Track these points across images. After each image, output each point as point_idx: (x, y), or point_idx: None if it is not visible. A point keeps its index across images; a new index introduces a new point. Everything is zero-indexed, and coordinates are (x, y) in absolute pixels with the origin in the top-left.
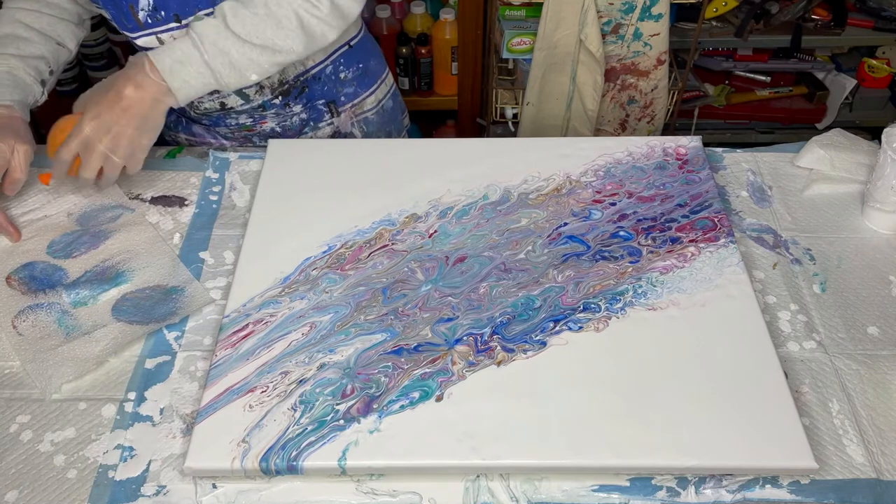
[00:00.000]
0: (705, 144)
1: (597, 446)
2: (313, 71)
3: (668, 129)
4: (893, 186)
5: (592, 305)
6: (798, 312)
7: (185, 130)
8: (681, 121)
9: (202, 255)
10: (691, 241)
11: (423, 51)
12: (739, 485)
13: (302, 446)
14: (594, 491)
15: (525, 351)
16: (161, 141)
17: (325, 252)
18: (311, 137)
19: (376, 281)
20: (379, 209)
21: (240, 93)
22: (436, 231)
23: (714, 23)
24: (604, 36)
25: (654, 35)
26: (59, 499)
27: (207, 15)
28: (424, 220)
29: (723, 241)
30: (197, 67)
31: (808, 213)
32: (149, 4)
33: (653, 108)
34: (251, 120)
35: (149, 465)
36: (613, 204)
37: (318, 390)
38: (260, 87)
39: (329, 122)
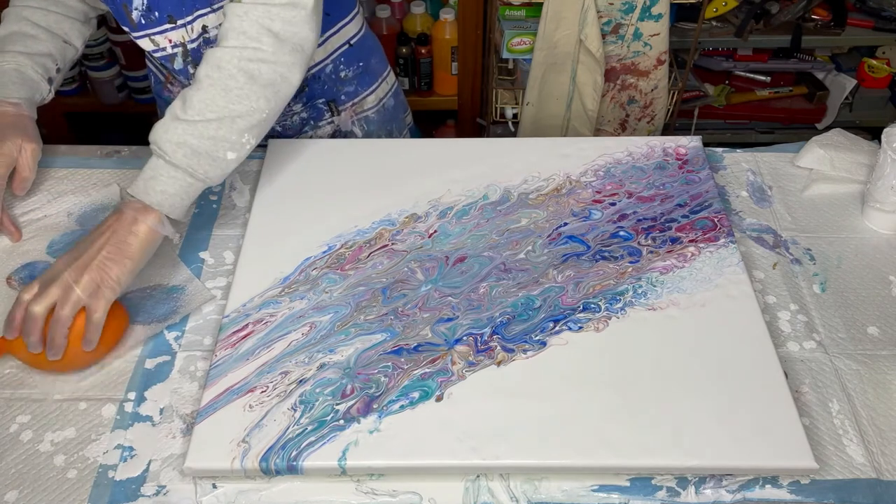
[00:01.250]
0: (705, 144)
1: (597, 446)
2: (313, 70)
3: (668, 129)
4: (893, 186)
5: (592, 305)
6: (798, 312)
7: None
8: (681, 121)
9: (202, 255)
10: (691, 241)
11: (423, 51)
12: (739, 485)
13: (302, 446)
14: (594, 491)
15: (525, 351)
16: None
17: (325, 252)
18: (311, 136)
19: (376, 281)
20: (379, 209)
21: None
22: (436, 231)
23: (714, 23)
24: (604, 36)
25: (654, 35)
26: (59, 499)
27: (209, 13)
28: (424, 220)
29: (723, 241)
30: (167, 173)
31: (808, 213)
32: (142, 4)
33: (653, 108)
34: None
35: (149, 465)
36: (613, 204)
37: (318, 390)
38: None
39: (329, 120)
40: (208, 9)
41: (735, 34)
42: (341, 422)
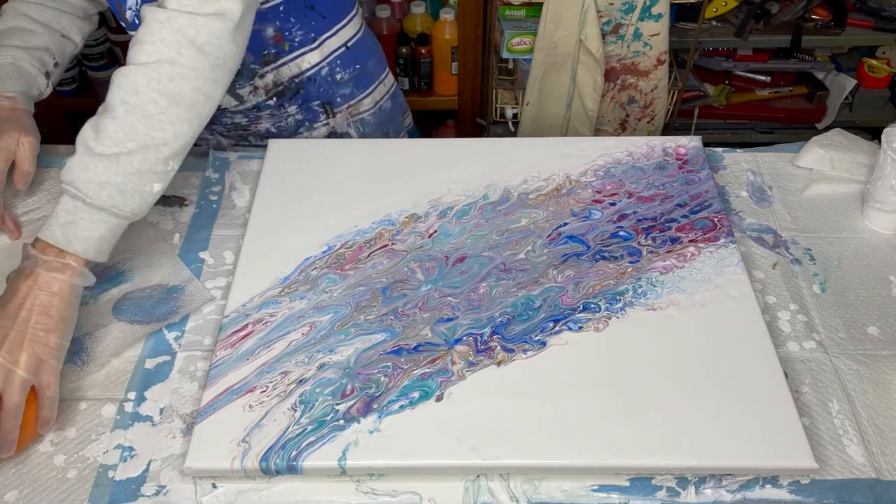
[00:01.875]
0: (705, 144)
1: (597, 446)
2: (308, 73)
3: (668, 129)
4: (893, 186)
5: (592, 305)
6: (798, 312)
7: None
8: (681, 121)
9: (202, 255)
10: (691, 241)
11: (423, 51)
12: (739, 485)
13: (302, 446)
14: (594, 491)
15: (525, 351)
16: None
17: (324, 252)
18: (307, 138)
19: (376, 281)
20: (379, 209)
21: (233, 94)
22: (436, 231)
23: (714, 23)
24: (604, 36)
25: (654, 35)
26: (59, 499)
27: None
28: (424, 220)
29: (723, 241)
30: (89, 216)
31: (808, 213)
32: (136, 3)
33: (653, 108)
34: (246, 120)
35: (149, 465)
36: (613, 204)
37: (317, 390)
38: (254, 87)
39: (325, 122)
40: None
41: (735, 34)
42: (341, 422)
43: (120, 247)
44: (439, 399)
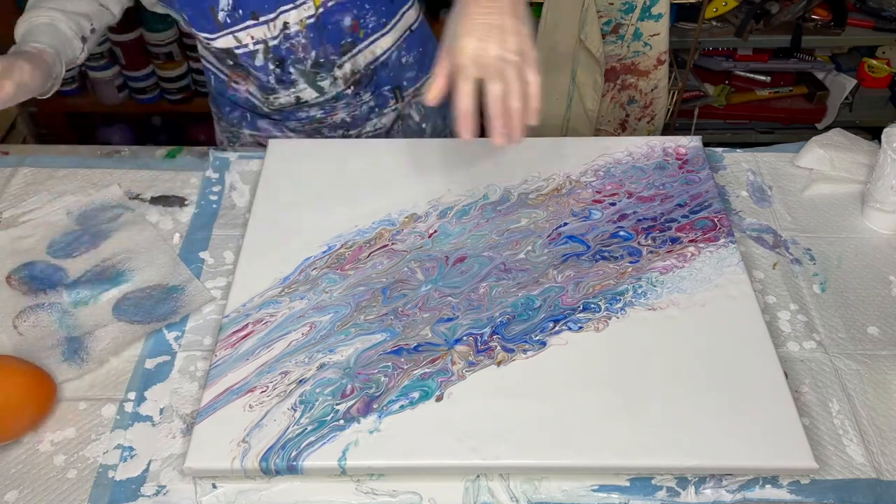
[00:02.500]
0: (705, 144)
1: (597, 446)
2: (381, 58)
3: (668, 129)
4: (893, 186)
5: (592, 305)
6: (798, 312)
7: (249, 126)
8: (681, 121)
9: (202, 255)
10: (691, 241)
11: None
12: (739, 485)
13: (302, 446)
14: (594, 491)
15: (525, 351)
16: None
17: (324, 252)
18: (375, 124)
19: (376, 281)
20: (379, 209)
21: (314, 86)
22: (436, 231)
23: (714, 23)
24: (604, 36)
25: (654, 35)
26: (59, 499)
27: (291, 10)
28: (424, 220)
29: (723, 241)
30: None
31: (808, 213)
32: (228, 4)
33: (653, 108)
34: (322, 112)
35: (149, 465)
36: (613, 204)
37: (317, 390)
38: (334, 78)
39: (393, 107)
40: (290, 5)
41: (735, 34)
42: (341, 422)
43: (120, 247)
44: (439, 399)
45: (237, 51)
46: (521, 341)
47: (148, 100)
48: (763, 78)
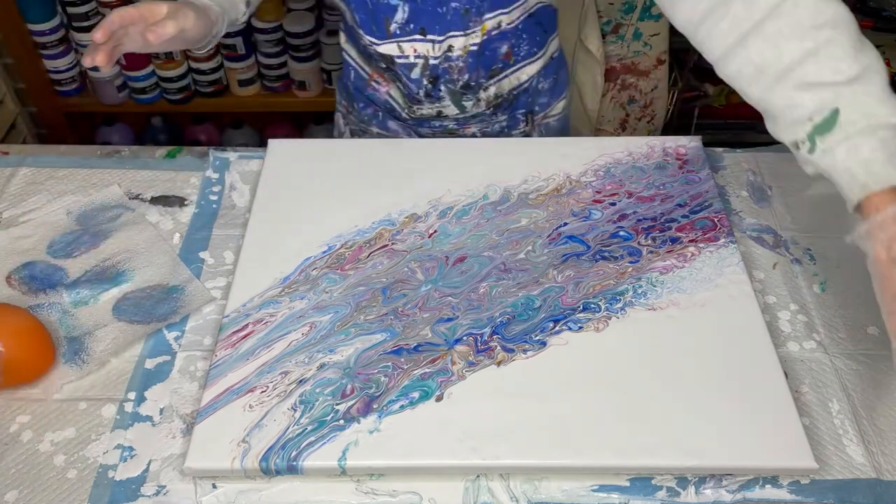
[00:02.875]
0: (705, 144)
1: (597, 446)
2: (525, 84)
3: (668, 129)
4: None
5: (592, 305)
6: (798, 312)
7: (379, 125)
8: (681, 121)
9: (202, 255)
10: (691, 241)
11: None
12: (739, 485)
13: (302, 446)
14: (594, 491)
15: (525, 351)
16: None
17: (325, 252)
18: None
19: (376, 281)
20: (379, 209)
21: (458, 104)
22: (436, 231)
23: None
24: (604, 36)
25: (654, 35)
26: (59, 499)
27: (460, 36)
28: (424, 220)
29: (723, 241)
30: None
31: (808, 213)
32: (403, 18)
33: (653, 108)
34: (456, 125)
35: (149, 465)
36: (613, 204)
37: (318, 390)
38: (477, 100)
39: (522, 129)
40: (461, 32)
41: None
42: (341, 422)
43: (120, 247)
44: (439, 399)
45: (397, 59)
46: (521, 341)
47: (148, 100)
48: None
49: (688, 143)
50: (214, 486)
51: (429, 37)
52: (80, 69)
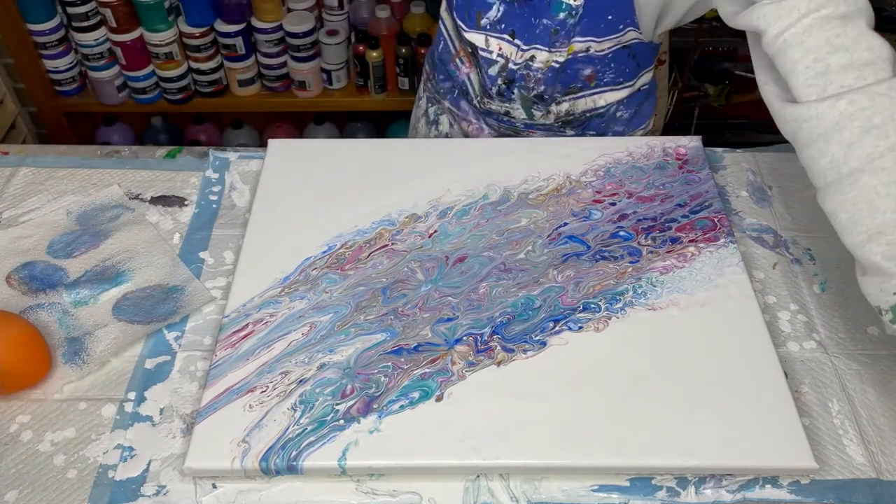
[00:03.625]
0: (705, 144)
1: (597, 446)
2: (601, 109)
3: (668, 129)
4: None
5: (592, 305)
6: (798, 312)
7: (452, 101)
8: (681, 121)
9: (202, 255)
10: (691, 241)
11: (423, 51)
12: (739, 485)
13: (302, 446)
14: (594, 491)
15: (525, 351)
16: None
17: (325, 252)
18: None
19: (376, 281)
20: (379, 209)
21: (528, 111)
22: (436, 231)
23: (714, 23)
24: None
25: None
26: (59, 499)
27: (544, 51)
28: (424, 220)
29: (723, 241)
30: None
31: (808, 213)
32: (496, 16)
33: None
34: (524, 125)
35: (149, 465)
36: (613, 204)
37: (318, 390)
38: (548, 111)
39: None
40: (546, 48)
41: (735, 34)
42: (341, 422)
43: (120, 247)
44: (439, 399)
45: (481, 52)
46: (521, 341)
47: (148, 100)
48: None
49: (688, 143)
50: (214, 486)
51: (516, 41)
52: (80, 69)
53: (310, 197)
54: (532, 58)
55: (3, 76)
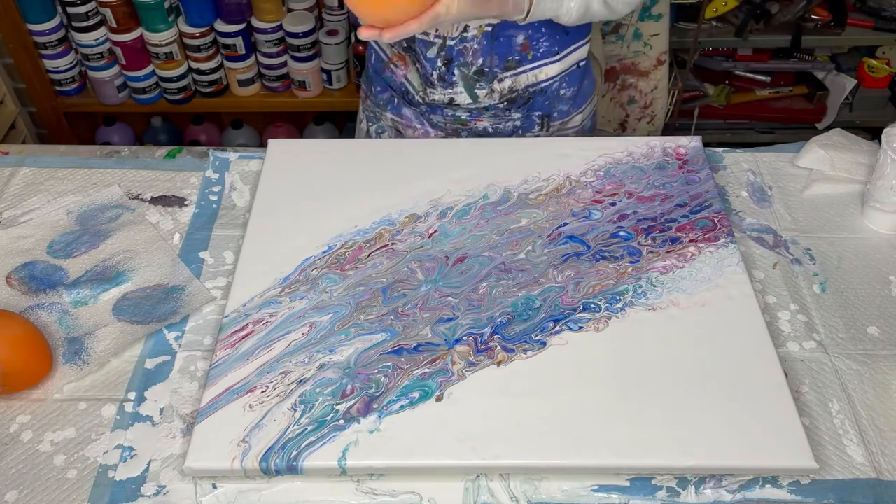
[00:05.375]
0: (705, 144)
1: (597, 446)
2: (542, 84)
3: (668, 129)
4: (893, 186)
5: (592, 305)
6: (798, 312)
7: (393, 111)
8: (681, 121)
9: (202, 255)
10: (691, 241)
11: None
12: (739, 485)
13: (302, 446)
14: (594, 491)
15: (525, 351)
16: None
17: (325, 252)
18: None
19: (376, 281)
20: (379, 209)
21: (471, 92)
22: (436, 231)
23: (714, 23)
24: (604, 36)
25: (654, 35)
26: (59, 499)
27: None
28: (424, 220)
29: (723, 241)
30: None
31: (808, 213)
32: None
33: (653, 108)
34: (468, 116)
35: (149, 465)
36: (613, 204)
37: (318, 390)
38: (491, 90)
39: (536, 133)
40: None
41: (735, 34)
42: (341, 422)
43: (120, 247)
44: (439, 399)
45: (418, 38)
46: (521, 341)
47: (148, 100)
48: (763, 78)
49: (688, 143)
50: (214, 486)
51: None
52: (80, 69)
53: (310, 197)
54: (466, 27)
55: (3, 76)
